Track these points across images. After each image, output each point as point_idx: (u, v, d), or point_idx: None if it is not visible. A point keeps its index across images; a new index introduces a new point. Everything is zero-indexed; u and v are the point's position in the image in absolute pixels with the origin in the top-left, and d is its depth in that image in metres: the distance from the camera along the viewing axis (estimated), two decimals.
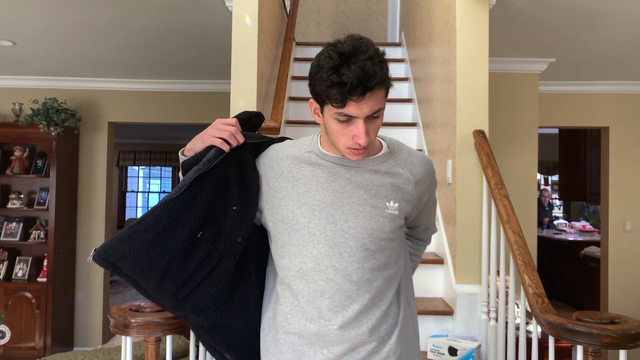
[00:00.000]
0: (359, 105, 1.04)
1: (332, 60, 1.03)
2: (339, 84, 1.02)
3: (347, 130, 1.08)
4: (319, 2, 6.04)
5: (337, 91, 1.02)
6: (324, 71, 1.04)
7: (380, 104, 1.07)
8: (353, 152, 1.11)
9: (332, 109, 1.07)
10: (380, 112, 1.08)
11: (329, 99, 1.05)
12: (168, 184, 11.26)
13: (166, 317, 1.53)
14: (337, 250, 1.15)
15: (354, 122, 1.07)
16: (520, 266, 1.95)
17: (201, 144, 1.20)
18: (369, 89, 1.02)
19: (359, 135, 1.07)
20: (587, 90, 4.74)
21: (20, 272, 4.69)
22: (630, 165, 4.73)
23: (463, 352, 2.23)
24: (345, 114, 1.06)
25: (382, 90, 1.06)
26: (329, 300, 1.15)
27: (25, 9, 3.24)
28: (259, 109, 2.80)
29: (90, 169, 5.04)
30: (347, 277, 1.15)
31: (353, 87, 1.01)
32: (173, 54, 4.21)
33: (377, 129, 1.10)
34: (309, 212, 1.16)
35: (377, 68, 1.02)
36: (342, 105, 1.04)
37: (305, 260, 1.16)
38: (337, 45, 1.05)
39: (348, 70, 1.01)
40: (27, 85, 5.03)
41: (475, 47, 2.57)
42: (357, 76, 1.00)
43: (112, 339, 3.26)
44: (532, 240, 4.17)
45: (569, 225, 7.76)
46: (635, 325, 1.44)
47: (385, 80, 1.05)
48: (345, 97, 1.02)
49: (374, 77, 1.01)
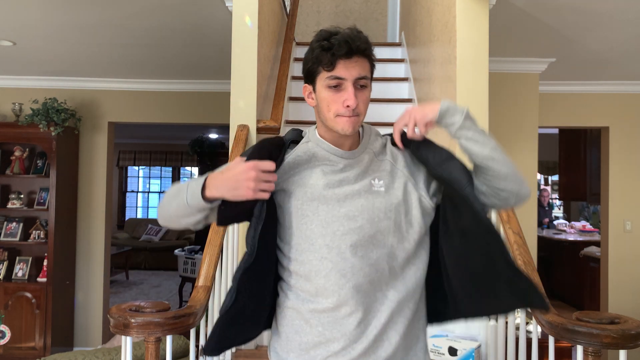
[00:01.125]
0: (347, 67, 1.12)
1: (321, 36, 1.15)
2: (328, 47, 1.12)
3: (338, 95, 1.14)
4: (319, 2, 6.04)
5: (327, 54, 1.12)
6: (314, 44, 1.15)
7: (367, 72, 1.15)
8: (344, 119, 1.15)
9: (323, 76, 1.15)
10: (367, 83, 1.16)
11: (320, 65, 1.14)
12: (168, 184, 11.25)
13: (166, 317, 1.53)
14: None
15: (343, 86, 1.14)
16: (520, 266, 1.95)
17: (238, 196, 1.09)
18: (355, 52, 1.12)
19: (348, 97, 1.13)
20: (587, 90, 4.74)
21: (20, 272, 4.69)
22: (630, 165, 4.73)
23: (463, 352, 2.23)
24: (336, 76, 1.13)
25: (367, 61, 1.15)
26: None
27: (25, 9, 3.24)
28: (259, 109, 2.80)
29: (90, 169, 5.04)
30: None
31: (340, 46, 1.11)
32: (173, 54, 4.21)
33: (365, 100, 1.17)
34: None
35: (362, 37, 1.14)
36: (332, 66, 1.12)
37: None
38: (327, 28, 1.17)
39: (335, 37, 1.13)
40: (27, 85, 5.03)
41: (475, 47, 2.57)
42: (344, 39, 1.12)
43: (112, 339, 3.26)
44: (532, 240, 4.17)
45: (569, 225, 7.75)
46: (635, 325, 1.44)
47: (368, 50, 1.15)
48: (334, 56, 1.12)
49: (358, 40, 1.12)
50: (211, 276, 1.97)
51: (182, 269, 6.29)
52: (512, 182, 1.15)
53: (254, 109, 2.70)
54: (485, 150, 1.15)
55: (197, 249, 6.45)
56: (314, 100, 1.20)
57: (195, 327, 1.77)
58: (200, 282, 1.93)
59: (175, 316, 1.56)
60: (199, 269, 2.00)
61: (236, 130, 2.63)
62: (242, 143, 2.55)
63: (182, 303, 6.42)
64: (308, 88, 1.21)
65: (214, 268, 2.01)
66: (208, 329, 2.09)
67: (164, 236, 9.85)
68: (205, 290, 1.89)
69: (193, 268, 6.18)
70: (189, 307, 1.71)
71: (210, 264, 2.01)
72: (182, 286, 6.50)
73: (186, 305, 1.73)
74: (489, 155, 1.15)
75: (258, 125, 2.71)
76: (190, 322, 1.64)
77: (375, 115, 3.72)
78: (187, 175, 11.30)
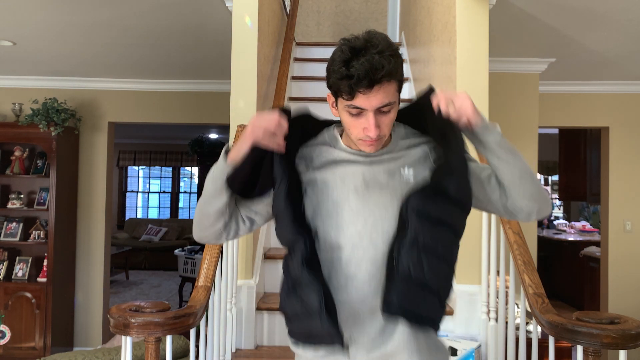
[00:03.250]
0: (368, 98, 1.06)
1: (344, 54, 1.07)
2: (347, 76, 1.05)
3: (358, 122, 1.11)
4: (319, 2, 6.04)
5: (346, 84, 1.06)
6: (336, 64, 1.08)
7: (391, 97, 1.09)
8: (365, 143, 1.13)
9: (343, 101, 1.10)
10: (392, 107, 1.10)
11: (339, 91, 1.09)
12: (168, 184, 11.26)
13: (166, 317, 1.53)
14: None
15: (364, 114, 1.09)
16: (520, 266, 1.95)
17: (245, 144, 1.13)
18: (377, 82, 1.05)
19: (369, 127, 1.09)
20: (587, 90, 4.74)
21: (20, 272, 4.69)
22: (630, 165, 4.72)
23: (463, 352, 2.23)
24: (355, 106, 1.08)
25: (392, 84, 1.08)
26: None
27: (25, 9, 3.24)
28: (259, 109, 2.80)
29: (90, 169, 5.04)
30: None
31: (360, 80, 1.04)
32: (173, 54, 4.21)
33: (389, 122, 1.12)
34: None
35: (385, 61, 1.04)
36: (351, 97, 1.07)
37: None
38: (351, 40, 1.08)
39: (357, 63, 1.04)
40: (27, 85, 5.03)
41: (475, 47, 2.57)
42: (365, 69, 1.03)
43: (112, 339, 3.26)
44: (532, 240, 4.17)
45: (569, 225, 7.76)
46: (635, 325, 1.44)
47: (393, 73, 1.07)
48: (353, 89, 1.06)
49: (381, 70, 1.04)
50: (211, 276, 1.98)
51: (182, 269, 6.29)
52: (536, 201, 1.16)
53: (254, 109, 2.70)
54: (515, 172, 1.15)
55: (197, 249, 6.45)
56: (336, 110, 1.17)
57: (195, 327, 1.77)
58: (200, 282, 1.93)
59: (175, 316, 1.56)
60: (199, 269, 2.00)
61: (236, 130, 2.63)
62: None
63: (182, 303, 6.42)
64: (331, 98, 1.17)
65: (214, 268, 2.01)
66: (208, 329, 2.09)
67: (164, 236, 9.85)
68: (205, 290, 1.89)
69: (193, 268, 6.18)
70: (189, 307, 1.71)
71: (210, 264, 2.01)
72: (182, 286, 6.50)
73: (186, 305, 1.73)
74: (518, 179, 1.15)
75: None
76: (190, 322, 1.65)
77: None
78: (187, 175, 11.31)
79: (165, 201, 11.30)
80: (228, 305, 2.32)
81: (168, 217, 10.96)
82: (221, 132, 8.52)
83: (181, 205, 11.20)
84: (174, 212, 11.08)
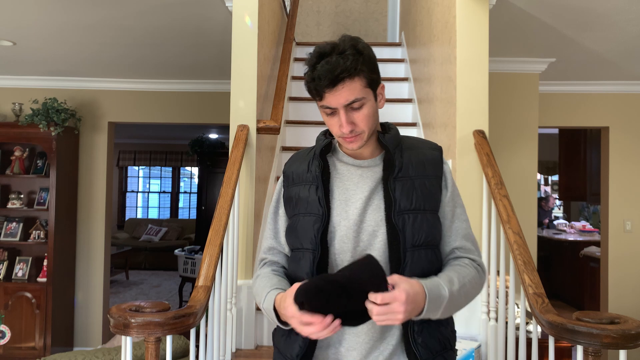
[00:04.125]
0: (334, 96, 1.12)
1: (311, 60, 1.14)
2: (312, 79, 1.13)
3: (334, 120, 1.16)
4: (319, 2, 6.04)
5: (313, 86, 1.13)
6: (307, 70, 1.16)
7: (357, 94, 1.12)
8: (345, 140, 1.18)
9: (318, 103, 1.17)
10: (362, 102, 1.13)
11: (311, 94, 1.16)
12: (168, 184, 11.26)
13: (166, 317, 1.53)
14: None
15: (337, 112, 1.14)
16: (520, 266, 1.95)
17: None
18: (339, 80, 1.10)
19: (342, 124, 1.14)
20: (587, 90, 4.74)
21: (20, 272, 4.69)
22: (630, 165, 4.73)
23: (463, 352, 2.23)
24: (326, 106, 1.14)
25: (357, 81, 1.12)
26: None
27: (25, 9, 3.24)
28: (259, 109, 2.80)
29: (90, 169, 5.04)
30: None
31: (321, 80, 1.10)
32: (173, 54, 4.21)
33: (363, 117, 1.15)
34: None
35: (343, 60, 1.09)
36: (320, 98, 1.14)
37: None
38: (321, 46, 1.14)
39: (319, 65, 1.11)
40: (27, 85, 5.03)
41: (475, 47, 2.56)
42: (325, 70, 1.10)
43: (112, 339, 3.26)
44: (532, 240, 4.17)
45: (569, 225, 7.76)
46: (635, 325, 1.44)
47: (353, 70, 1.10)
48: (319, 90, 1.12)
49: (338, 68, 1.09)
50: (211, 276, 1.97)
51: (182, 269, 6.29)
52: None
53: (254, 109, 2.70)
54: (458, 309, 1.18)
55: (197, 249, 6.45)
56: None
57: (195, 327, 1.76)
58: (200, 282, 1.93)
59: (175, 316, 1.56)
60: (199, 269, 2.00)
61: (236, 130, 2.63)
62: (242, 143, 2.55)
63: (182, 303, 6.42)
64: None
65: (214, 268, 2.01)
66: (208, 329, 2.09)
67: (164, 236, 9.85)
68: (205, 290, 1.89)
69: (193, 268, 6.18)
70: (189, 307, 1.71)
71: (210, 264, 2.01)
72: (182, 286, 6.50)
73: (186, 305, 1.73)
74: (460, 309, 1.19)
75: (258, 125, 2.71)
76: (190, 322, 1.64)
77: None
78: (187, 175, 11.31)
79: (165, 201, 11.30)
80: (228, 305, 2.32)
81: (168, 217, 10.96)
82: (221, 132, 8.52)
83: (181, 205, 11.20)
84: (174, 212, 11.08)
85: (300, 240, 1.21)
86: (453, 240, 1.22)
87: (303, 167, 1.26)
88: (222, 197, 2.27)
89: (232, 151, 2.51)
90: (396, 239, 1.15)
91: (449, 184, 1.24)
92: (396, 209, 1.16)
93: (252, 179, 2.66)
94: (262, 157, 2.89)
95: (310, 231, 1.18)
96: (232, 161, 2.44)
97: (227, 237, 2.29)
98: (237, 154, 2.47)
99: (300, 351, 1.18)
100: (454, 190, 1.24)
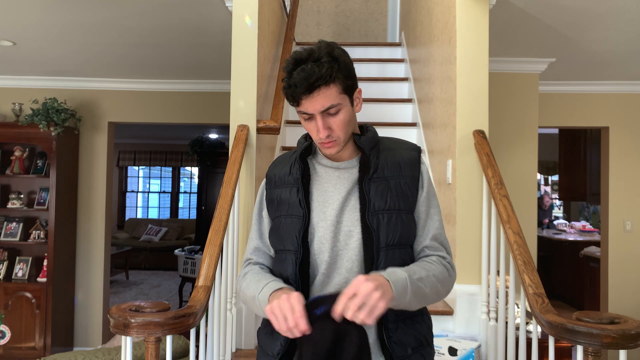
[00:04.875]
0: (310, 103, 1.13)
1: (288, 66, 1.15)
2: (289, 85, 1.14)
3: (312, 126, 1.18)
4: (319, 2, 6.04)
5: (290, 92, 1.15)
6: (284, 76, 1.17)
7: (333, 100, 1.13)
8: (323, 145, 1.20)
9: (295, 108, 1.18)
10: (338, 108, 1.15)
11: (288, 100, 1.17)
12: (168, 184, 11.26)
13: (166, 317, 1.53)
14: None
15: (314, 118, 1.16)
16: (520, 266, 1.95)
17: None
18: (315, 88, 1.11)
19: (319, 130, 1.16)
20: (587, 90, 4.74)
21: (20, 272, 4.69)
22: (630, 165, 4.73)
23: (463, 352, 2.23)
24: (303, 111, 1.16)
25: (333, 88, 1.13)
26: None
27: (25, 9, 3.24)
28: (259, 109, 2.80)
29: (90, 169, 5.04)
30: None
31: (297, 87, 1.12)
32: (173, 54, 4.21)
33: (340, 123, 1.16)
34: None
35: (318, 68, 1.11)
36: (297, 104, 1.16)
37: None
38: (298, 53, 1.16)
39: (295, 72, 1.13)
40: (27, 85, 5.03)
41: (475, 47, 2.56)
42: (300, 77, 1.11)
43: (112, 339, 3.26)
44: (532, 240, 4.17)
45: (569, 225, 7.76)
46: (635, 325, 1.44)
47: (328, 77, 1.11)
48: (295, 97, 1.14)
49: (313, 76, 1.10)
50: (211, 276, 1.97)
51: (182, 269, 6.29)
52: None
53: (254, 109, 2.70)
54: (429, 301, 1.17)
55: (197, 249, 6.45)
56: None
57: (195, 327, 1.76)
58: (200, 282, 1.93)
59: (175, 316, 1.56)
60: (199, 269, 1.99)
61: (236, 130, 2.63)
62: (242, 143, 2.55)
63: (182, 303, 6.42)
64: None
65: (214, 268, 2.01)
66: (208, 329, 2.09)
67: (164, 236, 9.85)
68: (205, 290, 1.89)
69: (193, 268, 6.18)
70: (189, 307, 1.70)
71: (210, 264, 2.01)
72: (182, 286, 6.50)
73: (186, 305, 1.73)
74: (430, 300, 1.17)
75: (258, 125, 2.71)
76: (190, 322, 1.64)
77: (375, 115, 3.72)
78: (187, 175, 11.31)
79: (165, 201, 11.30)
80: (228, 305, 2.32)
81: (168, 217, 10.96)
82: (221, 132, 8.52)
83: (181, 205, 11.20)
84: (174, 212, 11.09)
85: (283, 242, 1.23)
86: (424, 239, 1.23)
87: (285, 170, 1.29)
88: (222, 197, 2.26)
89: (232, 151, 2.51)
90: (370, 239, 1.17)
91: (425, 184, 1.25)
92: (370, 209, 1.18)
93: (252, 179, 2.66)
94: (262, 157, 2.89)
95: (292, 232, 1.21)
96: (232, 161, 2.44)
97: (227, 237, 2.29)
98: (237, 154, 2.47)
99: (282, 349, 1.20)
100: (429, 190, 1.26)
